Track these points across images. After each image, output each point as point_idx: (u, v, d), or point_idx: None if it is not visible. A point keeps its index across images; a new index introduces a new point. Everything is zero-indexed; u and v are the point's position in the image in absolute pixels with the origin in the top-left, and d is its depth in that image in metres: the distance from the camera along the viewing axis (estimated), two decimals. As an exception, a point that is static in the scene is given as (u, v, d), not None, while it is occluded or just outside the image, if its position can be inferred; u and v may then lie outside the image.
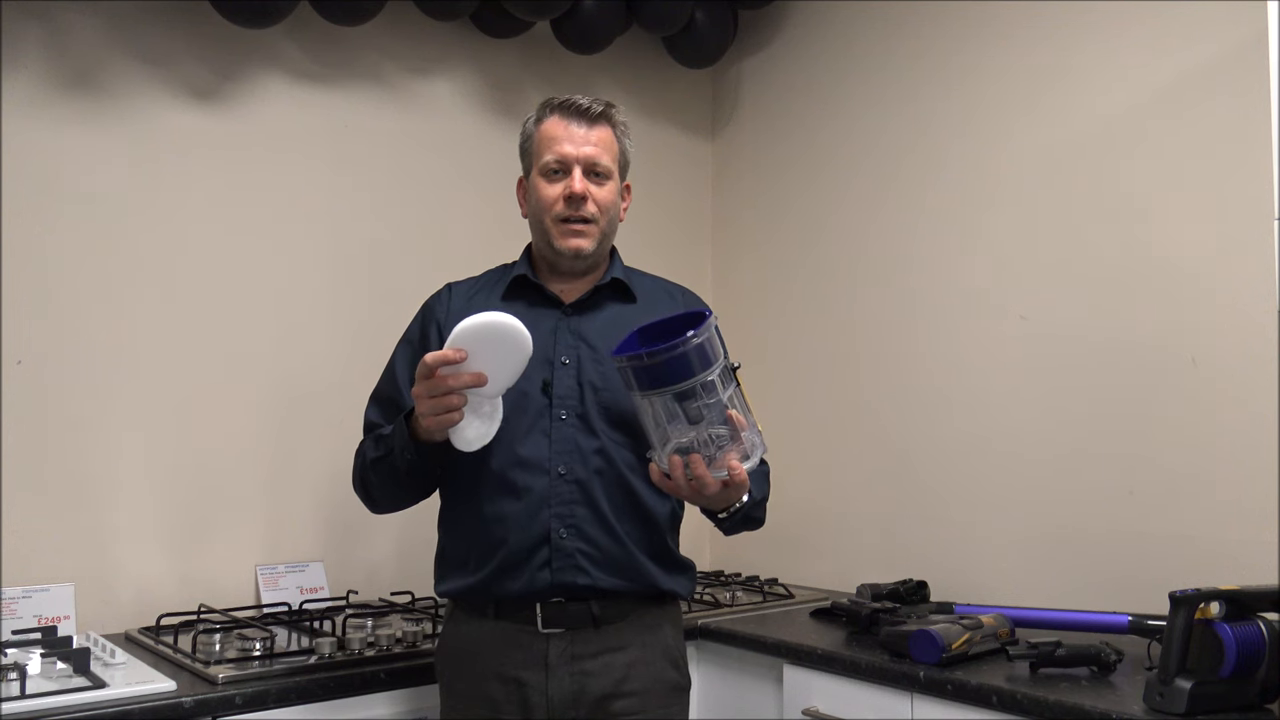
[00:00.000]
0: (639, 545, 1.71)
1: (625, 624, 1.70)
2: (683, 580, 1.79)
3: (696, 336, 1.45)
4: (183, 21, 2.34)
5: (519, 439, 1.68)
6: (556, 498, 1.67)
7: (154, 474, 2.27)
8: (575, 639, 1.67)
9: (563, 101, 1.76)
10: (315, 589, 2.38)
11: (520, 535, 1.66)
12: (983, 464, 2.41)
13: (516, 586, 1.67)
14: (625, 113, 1.82)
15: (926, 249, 2.56)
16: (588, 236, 1.74)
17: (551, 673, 1.66)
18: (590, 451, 1.69)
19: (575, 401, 1.70)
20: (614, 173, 1.77)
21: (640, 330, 1.59)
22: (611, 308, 1.79)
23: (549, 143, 1.74)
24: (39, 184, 2.17)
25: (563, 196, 1.72)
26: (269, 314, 2.43)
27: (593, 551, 1.67)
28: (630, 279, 1.83)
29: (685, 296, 1.89)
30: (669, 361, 1.45)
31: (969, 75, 2.49)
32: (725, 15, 2.87)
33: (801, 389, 2.84)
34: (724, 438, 1.51)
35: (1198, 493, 2.03)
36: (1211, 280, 2.04)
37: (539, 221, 1.77)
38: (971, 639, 1.86)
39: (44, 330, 2.17)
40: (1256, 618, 1.56)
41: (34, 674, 1.74)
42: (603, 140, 1.75)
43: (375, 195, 2.59)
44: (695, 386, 1.46)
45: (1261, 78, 1.72)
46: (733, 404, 1.51)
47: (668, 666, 1.74)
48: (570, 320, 1.76)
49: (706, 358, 1.47)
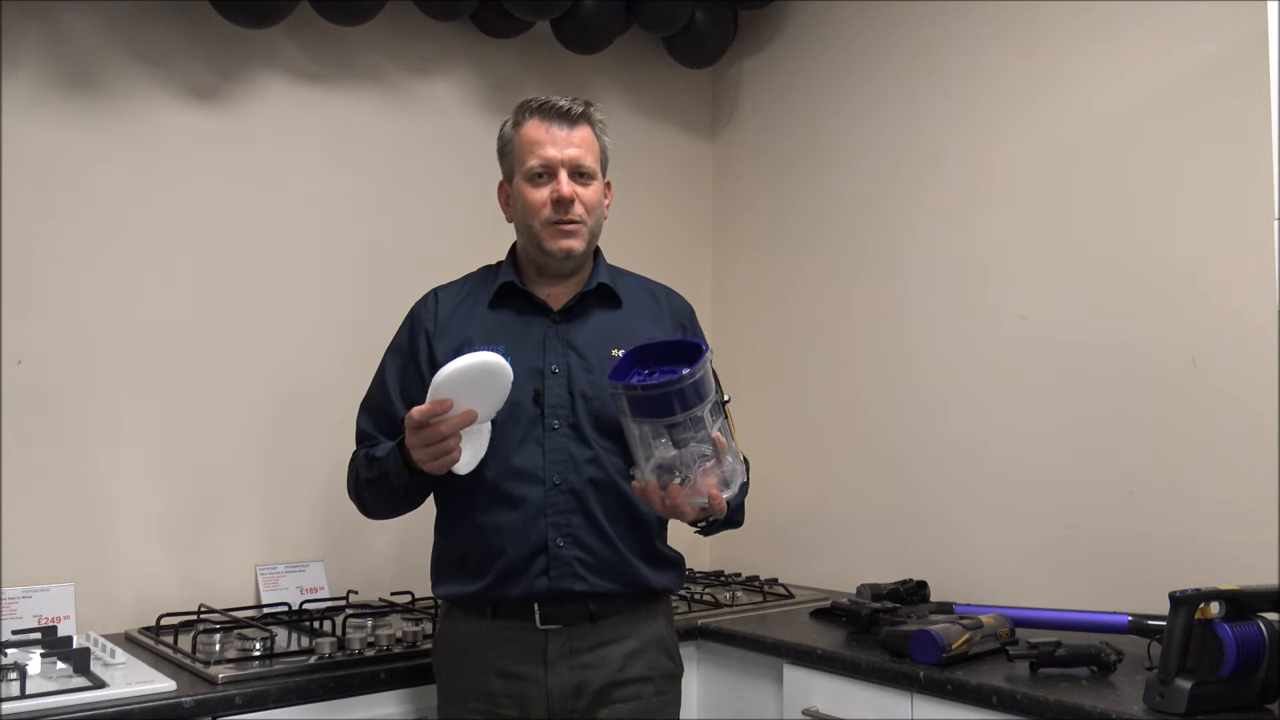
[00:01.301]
0: (631, 548, 1.74)
1: (620, 618, 1.74)
2: (672, 575, 1.83)
3: (692, 375, 1.48)
4: (183, 21, 2.34)
5: (513, 449, 1.71)
6: (552, 507, 1.70)
7: (154, 474, 2.27)
8: (573, 634, 1.70)
9: (541, 104, 1.76)
10: (315, 589, 2.38)
11: (518, 545, 1.69)
12: (983, 464, 2.41)
13: (515, 592, 1.70)
14: (603, 109, 1.82)
15: (927, 249, 2.56)
16: (577, 237, 1.74)
17: (551, 667, 1.69)
18: (584, 461, 1.71)
19: (567, 411, 1.72)
20: (597, 172, 1.78)
21: (635, 351, 1.61)
22: (598, 315, 1.80)
23: (531, 146, 1.74)
24: (39, 184, 2.17)
25: (550, 200, 1.72)
26: (269, 313, 2.43)
27: (588, 559, 1.70)
28: (615, 281, 1.84)
29: (670, 299, 1.91)
30: (663, 396, 1.47)
31: (968, 75, 2.49)
32: (725, 15, 2.87)
33: (802, 389, 2.84)
34: (707, 457, 1.53)
35: (1198, 493, 2.03)
36: (1211, 280, 2.03)
37: (526, 226, 1.77)
38: (971, 639, 1.86)
39: (44, 330, 2.17)
40: (1256, 618, 1.56)
41: (34, 674, 1.73)
42: (585, 140, 1.76)
43: (375, 195, 2.59)
44: (685, 420, 1.49)
45: (1261, 78, 1.71)
46: (724, 430, 1.55)
47: (662, 655, 1.78)
48: (559, 328, 1.77)
49: (700, 393, 1.49)
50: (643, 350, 1.62)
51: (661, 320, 1.84)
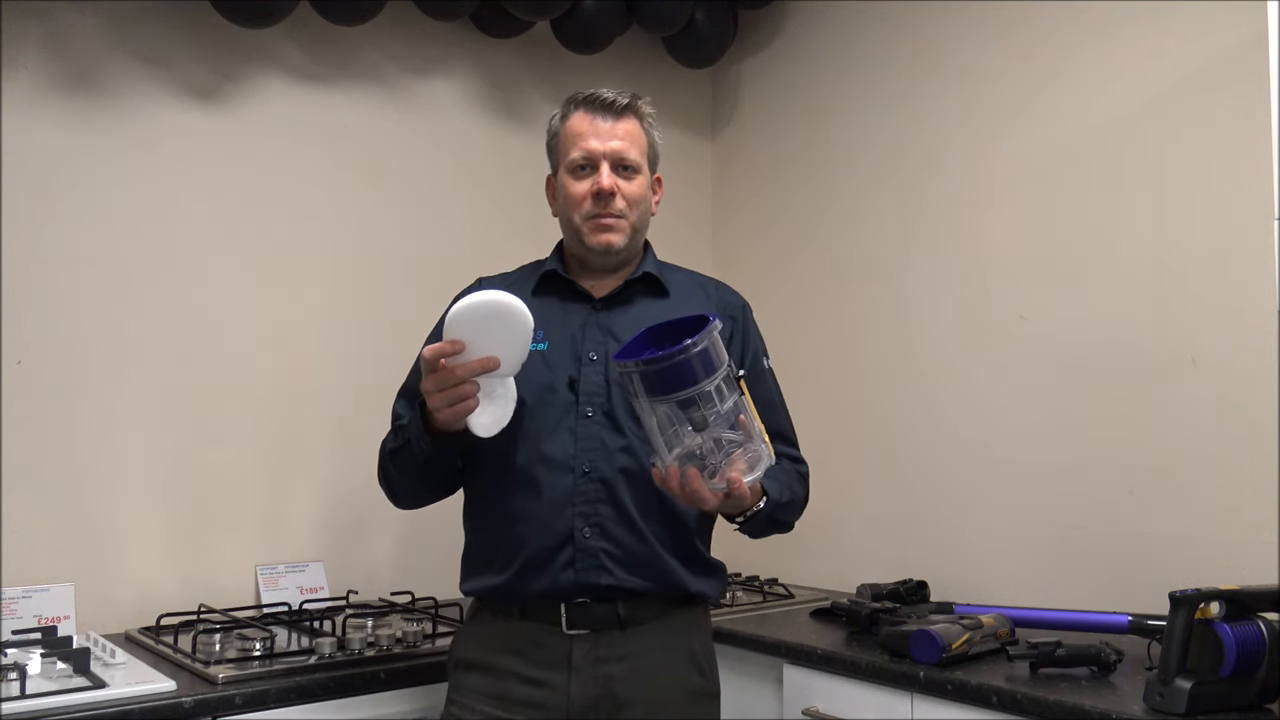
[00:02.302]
0: (665, 546, 1.66)
1: (651, 626, 1.66)
2: (712, 582, 1.75)
3: (696, 344, 1.39)
4: (183, 21, 2.34)
5: (544, 436, 1.65)
6: (580, 496, 1.64)
7: (154, 474, 2.27)
8: (600, 641, 1.64)
9: (587, 96, 1.72)
10: (315, 589, 2.38)
11: (543, 534, 1.63)
12: (983, 464, 2.41)
13: (540, 586, 1.63)
14: (652, 104, 1.78)
15: (926, 248, 2.56)
16: (618, 231, 1.70)
17: (574, 674, 1.62)
18: (616, 450, 1.65)
19: (602, 399, 1.66)
20: (643, 166, 1.73)
21: (647, 331, 1.55)
22: (642, 303, 1.75)
23: (575, 139, 1.71)
24: (39, 184, 2.17)
25: (590, 193, 1.69)
26: (269, 313, 2.43)
27: (617, 551, 1.63)
28: (663, 274, 1.79)
29: (720, 291, 1.84)
30: (669, 369, 1.39)
31: (968, 75, 2.49)
32: (725, 15, 2.87)
33: (802, 388, 2.82)
34: (734, 443, 1.46)
35: (1198, 493, 2.03)
36: (1211, 280, 2.03)
37: (568, 219, 1.73)
38: (971, 639, 1.86)
39: (44, 330, 2.17)
40: (1256, 618, 1.56)
41: (34, 674, 1.74)
42: (630, 133, 1.71)
43: (375, 195, 2.59)
44: (695, 396, 1.41)
45: (1261, 78, 1.71)
46: (741, 409, 1.46)
47: (693, 672, 1.70)
48: (599, 315, 1.73)
49: (709, 364, 1.41)
50: (654, 331, 1.53)
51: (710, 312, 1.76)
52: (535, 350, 1.67)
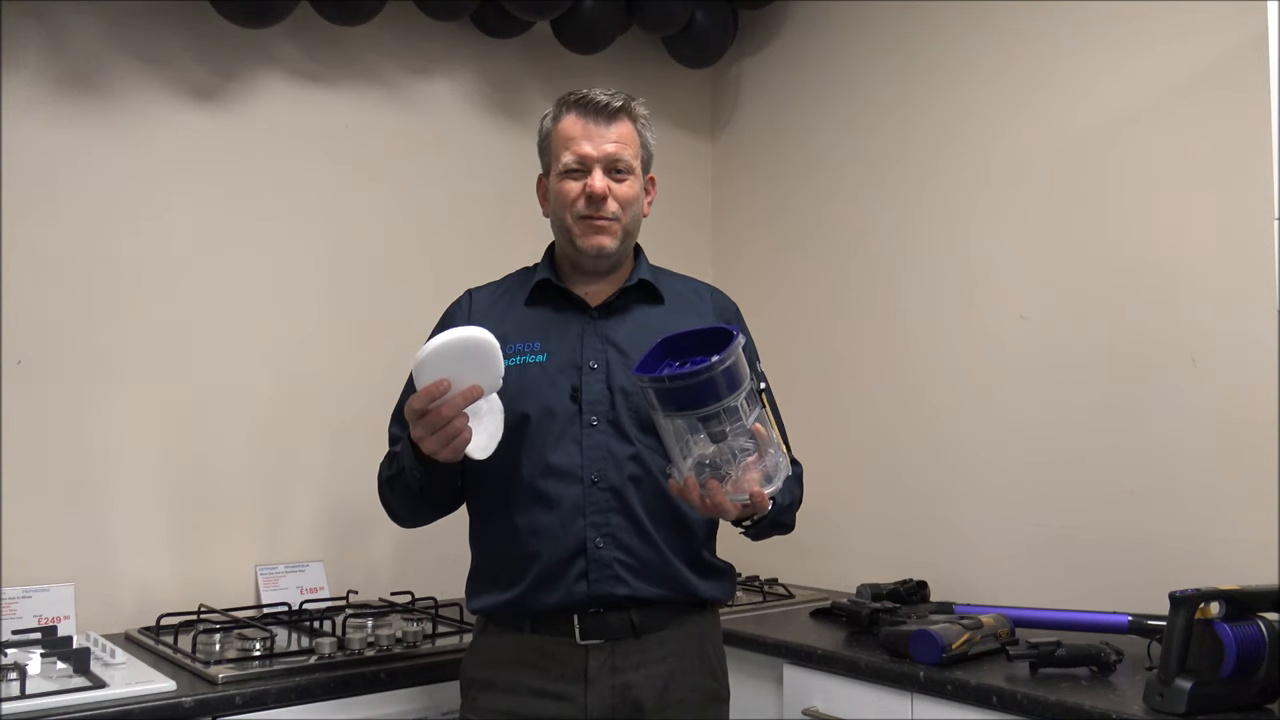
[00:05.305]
0: (677, 552, 1.65)
1: (665, 633, 1.65)
2: (722, 585, 1.74)
3: (722, 362, 1.36)
4: (183, 21, 2.34)
5: (549, 447, 1.63)
6: (591, 506, 1.62)
7: (154, 474, 2.27)
8: (615, 650, 1.62)
9: (580, 98, 1.70)
10: (315, 589, 2.38)
11: (555, 547, 1.61)
12: (983, 464, 2.41)
13: (553, 600, 1.61)
14: (646, 104, 1.77)
15: (927, 248, 2.56)
16: (610, 234, 1.69)
17: (591, 685, 1.60)
18: (624, 458, 1.63)
19: (606, 407, 1.65)
20: (635, 168, 1.71)
21: (664, 341, 1.52)
22: (639, 310, 1.74)
23: (567, 142, 1.69)
24: (39, 184, 2.17)
25: (582, 195, 1.67)
26: (269, 313, 2.43)
27: (631, 560, 1.62)
28: (658, 279, 1.77)
29: (714, 297, 1.84)
30: (692, 386, 1.36)
31: (967, 74, 2.49)
32: (725, 15, 2.87)
33: (801, 388, 2.84)
34: (748, 451, 1.44)
35: (1198, 493, 2.03)
36: (1211, 280, 2.03)
37: (560, 221, 1.71)
38: (971, 639, 1.86)
39: (44, 330, 2.17)
40: (1256, 618, 1.56)
41: (34, 674, 1.74)
42: (623, 135, 1.69)
43: (375, 195, 2.59)
44: (720, 411, 1.39)
45: (1261, 78, 1.71)
46: (761, 421, 1.44)
47: (707, 677, 1.70)
48: (597, 324, 1.71)
49: (732, 382, 1.38)
50: (672, 341, 1.51)
51: (705, 317, 1.76)
52: (534, 362, 1.67)
